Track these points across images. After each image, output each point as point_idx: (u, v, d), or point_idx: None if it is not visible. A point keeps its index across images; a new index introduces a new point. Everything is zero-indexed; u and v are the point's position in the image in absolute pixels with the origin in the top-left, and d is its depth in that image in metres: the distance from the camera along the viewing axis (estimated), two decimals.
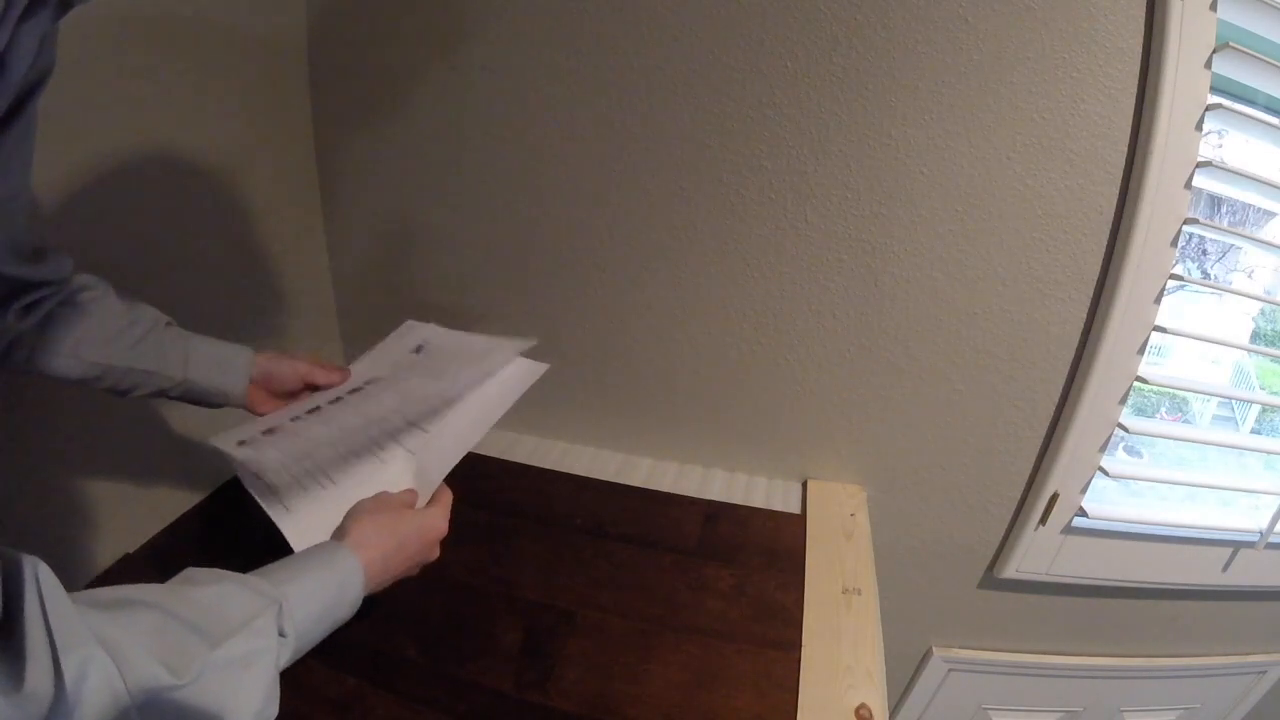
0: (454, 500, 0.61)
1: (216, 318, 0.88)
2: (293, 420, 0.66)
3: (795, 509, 0.96)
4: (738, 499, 0.97)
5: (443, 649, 0.69)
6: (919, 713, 1.20)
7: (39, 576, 0.27)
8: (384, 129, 0.96)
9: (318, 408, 0.68)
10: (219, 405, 0.65)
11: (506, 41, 0.86)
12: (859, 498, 0.98)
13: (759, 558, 0.84)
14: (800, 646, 0.71)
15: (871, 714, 0.64)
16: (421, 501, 0.61)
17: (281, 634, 0.40)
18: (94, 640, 0.28)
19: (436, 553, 0.58)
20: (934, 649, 1.13)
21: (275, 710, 0.38)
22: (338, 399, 0.69)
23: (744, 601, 0.77)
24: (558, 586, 0.77)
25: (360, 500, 0.57)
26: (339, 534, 0.52)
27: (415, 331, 0.77)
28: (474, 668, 0.67)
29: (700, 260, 0.91)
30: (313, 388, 0.70)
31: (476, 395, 0.66)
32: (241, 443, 0.63)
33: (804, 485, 1.01)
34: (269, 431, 0.65)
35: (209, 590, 0.38)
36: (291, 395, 0.69)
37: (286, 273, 1.00)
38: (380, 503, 0.56)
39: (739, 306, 0.93)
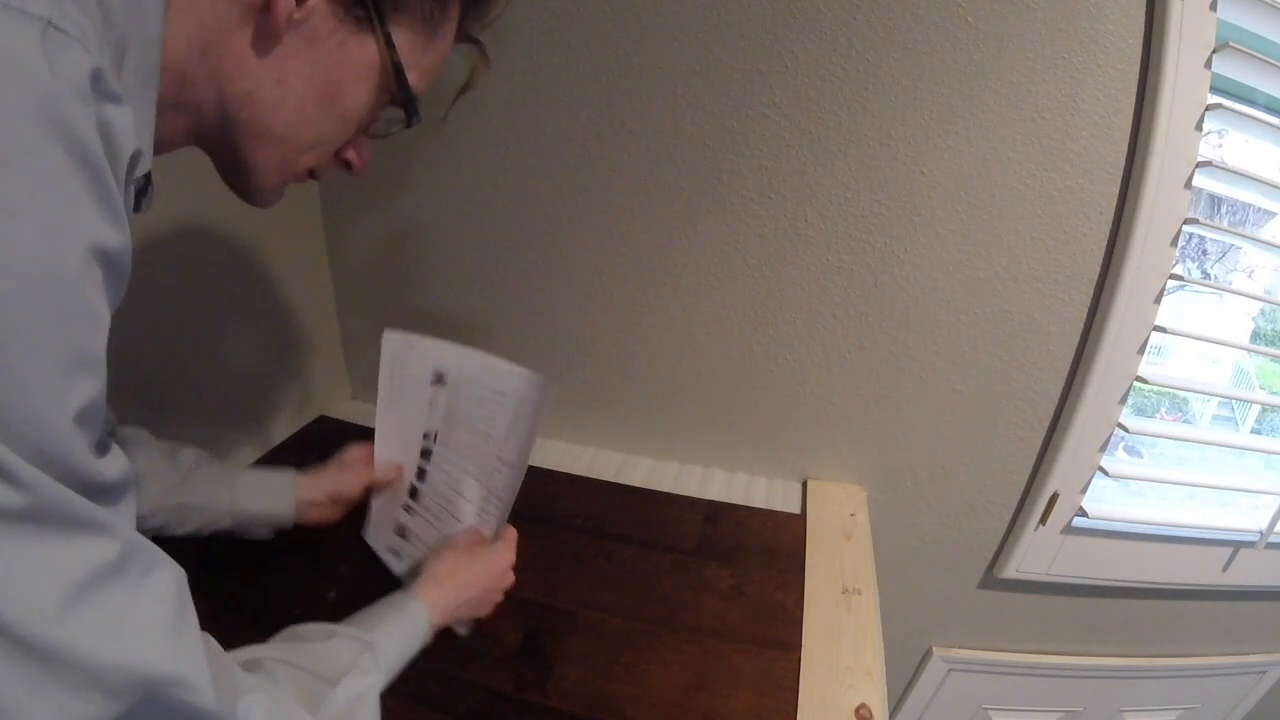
0: None
1: (219, 331, 0.89)
2: (408, 513, 0.76)
3: (795, 509, 0.96)
4: (738, 499, 0.97)
5: (443, 649, 0.69)
6: (919, 713, 1.20)
7: (212, 644, 0.35)
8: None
9: (414, 493, 0.76)
10: (271, 530, 0.71)
11: (503, 42, 0.86)
12: (859, 498, 0.98)
13: (759, 558, 0.84)
14: (800, 646, 0.71)
15: (871, 714, 0.64)
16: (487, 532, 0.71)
17: (377, 669, 0.50)
18: (254, 689, 0.37)
19: (510, 579, 0.69)
20: (934, 649, 1.13)
21: None
22: (421, 474, 0.76)
23: (744, 601, 0.77)
24: (558, 586, 0.77)
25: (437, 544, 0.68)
26: (419, 573, 0.63)
27: (413, 353, 0.75)
28: (474, 668, 0.67)
29: (700, 260, 0.91)
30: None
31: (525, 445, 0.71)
32: (394, 552, 0.76)
33: (804, 485, 1.01)
34: (401, 532, 0.76)
35: (320, 645, 0.49)
36: (355, 501, 0.78)
37: (287, 278, 1.00)
38: (451, 543, 0.67)
39: (739, 306, 0.93)
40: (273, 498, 0.70)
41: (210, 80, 0.37)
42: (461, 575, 0.64)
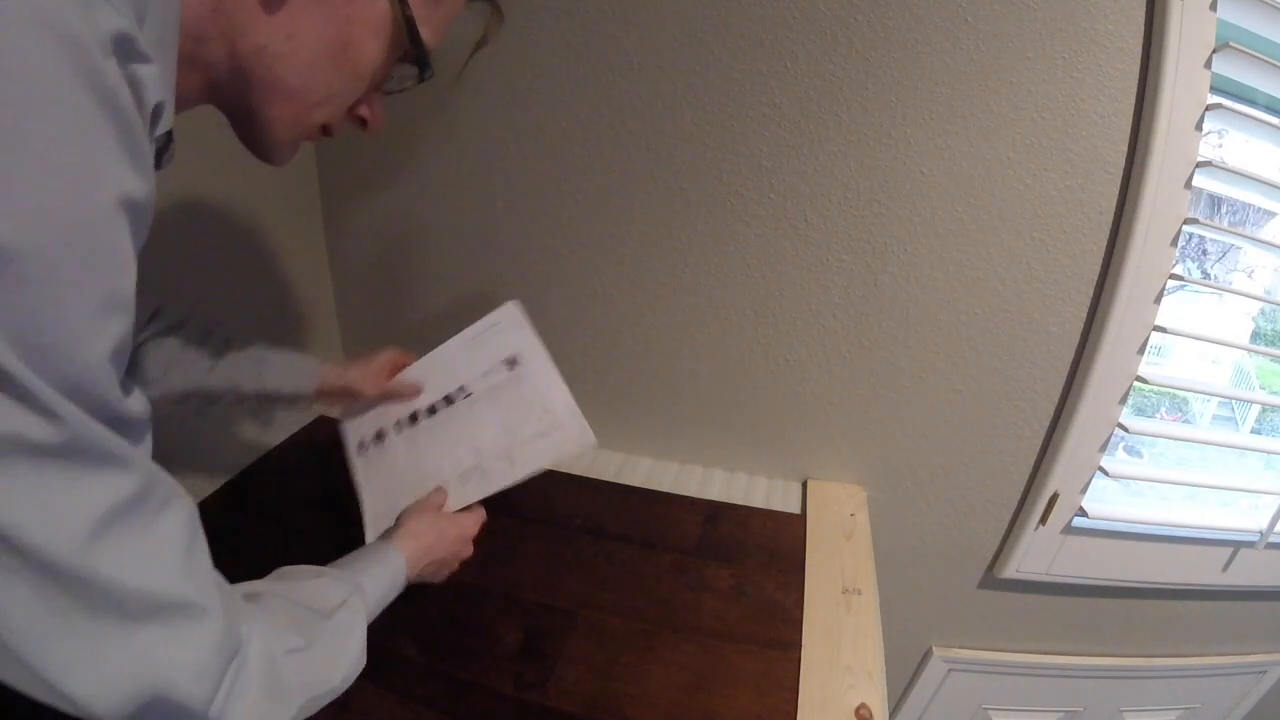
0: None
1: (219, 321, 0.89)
2: (395, 427, 0.79)
3: (795, 509, 0.96)
4: (738, 499, 0.97)
5: (443, 649, 0.69)
6: (919, 713, 1.20)
7: (218, 575, 0.38)
8: (384, 133, 0.96)
9: (415, 417, 0.79)
10: (294, 404, 0.76)
11: (505, 42, 0.86)
12: (859, 498, 0.98)
13: (759, 558, 0.84)
14: (800, 646, 0.71)
15: (871, 714, 0.64)
16: (450, 506, 0.73)
17: (364, 608, 0.54)
18: (255, 617, 0.40)
19: (470, 550, 0.71)
20: (934, 649, 1.13)
21: (364, 662, 0.51)
22: (433, 409, 0.79)
23: (744, 601, 0.77)
24: (558, 586, 0.77)
25: (410, 504, 0.72)
26: (395, 526, 0.66)
27: (514, 332, 0.78)
28: (474, 668, 0.67)
29: (700, 260, 0.91)
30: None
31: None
32: (361, 445, 0.80)
33: (804, 485, 1.01)
34: (378, 436, 0.79)
35: (313, 583, 0.52)
36: (365, 399, 0.81)
37: (287, 275, 1.00)
38: (424, 504, 0.70)
39: (739, 306, 0.93)
40: (297, 380, 0.74)
41: (222, 35, 0.37)
42: (434, 535, 0.66)
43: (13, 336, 0.26)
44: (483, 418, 0.77)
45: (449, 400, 0.79)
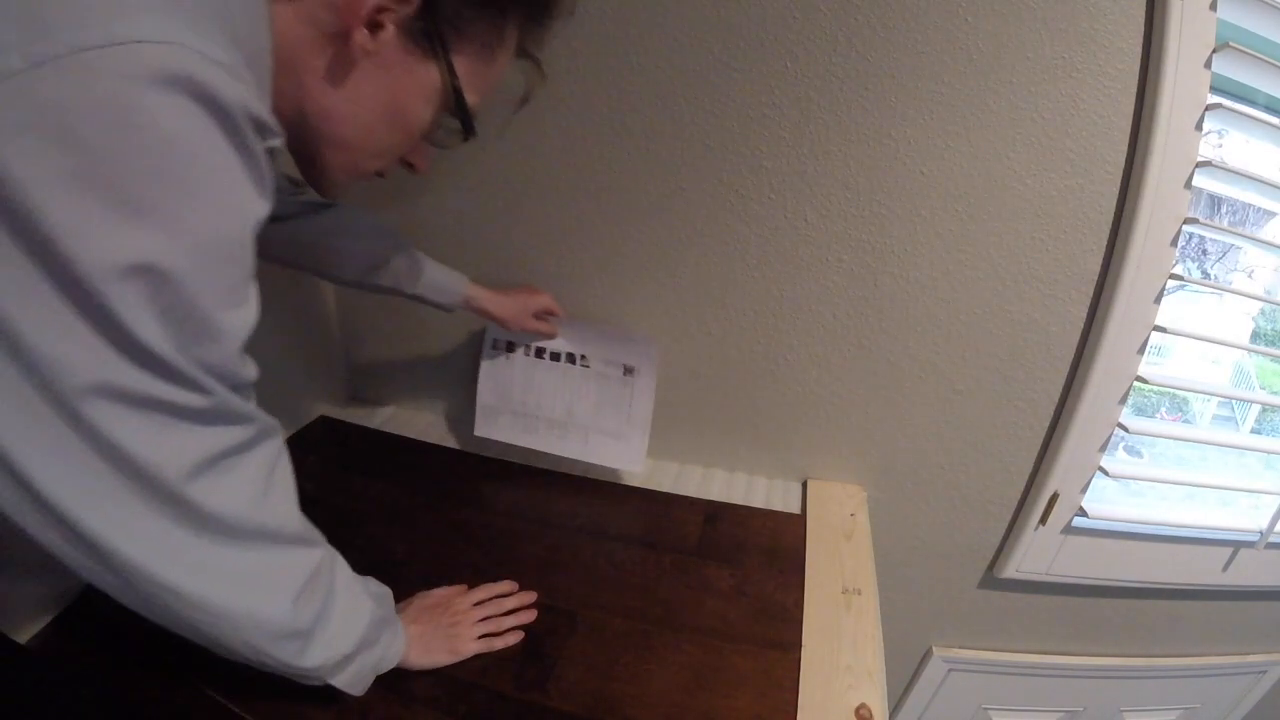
0: (453, 501, 0.85)
1: None
2: (524, 348, 0.99)
3: (795, 509, 0.96)
4: (738, 499, 0.97)
5: None
6: (919, 713, 1.20)
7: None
8: None
9: (541, 353, 0.98)
10: (440, 309, 0.87)
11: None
12: (859, 498, 0.98)
13: (759, 558, 0.84)
14: (800, 646, 0.71)
15: (871, 714, 0.64)
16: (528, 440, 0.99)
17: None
18: (325, 542, 0.54)
19: (471, 614, 0.70)
20: (934, 649, 1.13)
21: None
22: (556, 356, 0.98)
23: (744, 601, 0.77)
24: (558, 586, 0.77)
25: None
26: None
27: (643, 356, 0.94)
28: (474, 667, 0.67)
29: (700, 260, 0.91)
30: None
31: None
32: (494, 345, 1.00)
33: (804, 485, 1.01)
34: (509, 346, 0.99)
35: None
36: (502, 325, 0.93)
37: (287, 275, 0.99)
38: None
39: (739, 306, 0.93)
40: (441, 296, 0.85)
41: (292, 92, 0.43)
42: (415, 604, 0.70)
43: (174, 337, 0.35)
44: (587, 391, 0.96)
45: (571, 359, 0.97)
